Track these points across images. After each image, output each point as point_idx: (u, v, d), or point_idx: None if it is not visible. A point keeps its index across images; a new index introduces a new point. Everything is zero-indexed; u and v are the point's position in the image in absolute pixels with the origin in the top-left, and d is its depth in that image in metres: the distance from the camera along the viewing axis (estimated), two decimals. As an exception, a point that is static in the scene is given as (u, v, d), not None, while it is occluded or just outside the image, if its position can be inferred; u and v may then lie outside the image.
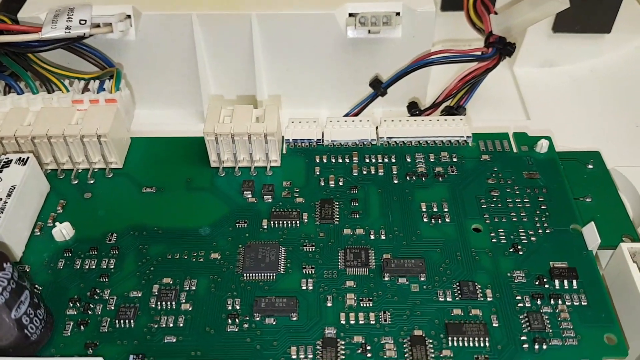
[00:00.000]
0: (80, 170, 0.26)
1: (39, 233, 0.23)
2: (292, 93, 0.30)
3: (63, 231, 0.23)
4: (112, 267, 0.22)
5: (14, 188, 0.22)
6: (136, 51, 0.29)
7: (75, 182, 0.25)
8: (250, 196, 0.24)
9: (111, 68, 0.28)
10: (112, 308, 0.21)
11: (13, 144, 0.25)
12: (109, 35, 0.28)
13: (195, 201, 0.24)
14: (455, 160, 0.26)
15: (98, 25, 0.28)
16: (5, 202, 0.22)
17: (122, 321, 0.20)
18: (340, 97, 0.30)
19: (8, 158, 0.23)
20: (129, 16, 0.28)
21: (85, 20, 0.27)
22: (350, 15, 0.28)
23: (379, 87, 0.30)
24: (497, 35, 0.30)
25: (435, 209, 0.24)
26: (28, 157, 0.23)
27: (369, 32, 0.29)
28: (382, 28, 0.28)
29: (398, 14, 0.28)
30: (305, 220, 0.23)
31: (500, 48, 0.29)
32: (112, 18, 0.28)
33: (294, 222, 0.23)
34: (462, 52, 0.29)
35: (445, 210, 0.23)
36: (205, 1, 0.28)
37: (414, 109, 0.30)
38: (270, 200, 0.24)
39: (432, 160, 0.26)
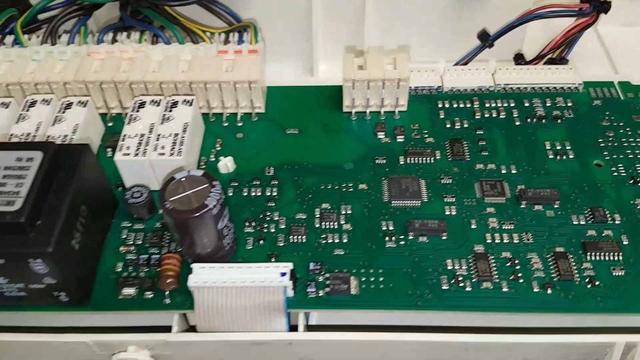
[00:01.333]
0: (228, 114, 0.29)
1: (204, 166, 0.26)
2: (401, 45, 0.33)
3: (228, 164, 0.25)
4: (275, 194, 0.25)
5: (187, 125, 0.25)
6: (255, 7, 0.31)
7: (226, 124, 0.28)
8: (383, 136, 0.27)
9: (245, 22, 0.30)
10: (284, 227, 0.24)
11: (172, 88, 0.27)
12: (242, -8, 0.31)
13: (334, 141, 0.27)
14: (570, 104, 0.28)
15: (228, -18, 0.31)
16: (182, 137, 0.25)
17: (295, 237, 0.23)
18: (447, 49, 0.32)
19: (174, 100, 0.26)
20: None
21: (221, -23, 0.30)
22: None
23: (486, 39, 0.32)
24: (594, -8, 0.32)
25: (558, 147, 0.26)
26: (193, 99, 0.26)
27: (476, -12, 0.31)
28: (490, -16, 0.30)
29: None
30: (438, 157, 0.26)
31: (597, 5, 0.31)
32: (241, -25, 0.31)
33: (428, 158, 0.26)
34: (566, 7, 0.31)
35: (568, 147, 0.26)
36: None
37: (520, 60, 0.32)
38: (402, 140, 0.27)
39: (548, 104, 0.28)
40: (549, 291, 0.21)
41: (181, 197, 0.21)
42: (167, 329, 0.22)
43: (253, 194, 0.25)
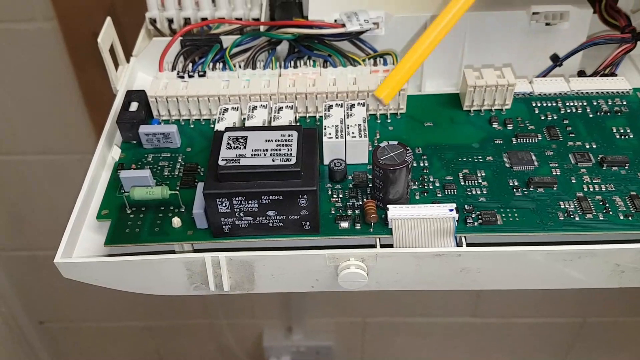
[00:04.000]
0: (380, 114, 0.39)
1: (370, 148, 0.37)
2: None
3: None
4: (426, 164, 0.36)
5: (365, 118, 0.36)
6: (382, 43, 0.43)
7: (379, 121, 0.39)
8: (497, 125, 0.38)
9: (386, 51, 0.41)
10: (439, 185, 0.34)
11: (344, 96, 0.38)
12: (376, 31, 0.42)
13: (460, 130, 0.38)
14: (624, 103, 0.39)
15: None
16: (364, 125, 0.35)
17: (448, 190, 0.34)
18: (522, 69, 0.43)
19: (352, 103, 0.37)
20: (377, 17, 0.42)
21: (367, 20, 0.41)
22: (534, 13, 0.42)
23: (557, 60, 0.43)
24: (632, 27, 0.43)
25: (621, 130, 0.37)
26: (364, 101, 0.37)
27: (547, 24, 0.42)
28: (558, 21, 0.42)
29: (567, 12, 0.41)
30: (540, 138, 0.37)
31: (635, 36, 0.43)
32: (379, 19, 0.42)
33: (533, 139, 0.37)
34: (614, 36, 0.43)
35: (628, 130, 0.37)
36: (430, 6, 0.42)
37: (582, 74, 0.43)
38: (511, 128, 0.38)
39: (609, 103, 0.39)
40: (630, 218, 0.32)
41: (388, 157, 0.31)
42: (371, 247, 0.32)
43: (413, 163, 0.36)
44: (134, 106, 0.39)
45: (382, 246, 0.32)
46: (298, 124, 0.39)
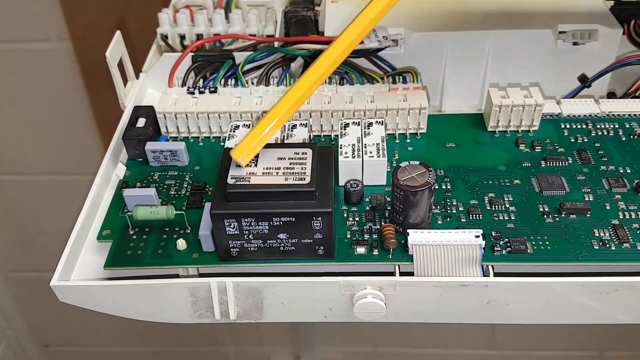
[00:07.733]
0: (399, 134, 0.38)
1: (388, 168, 0.35)
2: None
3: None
4: (449, 187, 0.34)
5: (383, 137, 0.34)
6: (402, 61, 0.41)
7: (398, 141, 0.37)
8: (524, 147, 0.36)
9: (406, 68, 0.40)
10: (462, 209, 0.32)
11: (361, 114, 0.37)
12: (395, 48, 0.41)
13: (485, 151, 0.36)
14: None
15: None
16: (383, 145, 0.33)
17: (473, 215, 0.32)
18: (549, 90, 0.42)
19: (370, 121, 0.35)
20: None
21: (386, 37, 0.40)
22: (561, 32, 0.40)
23: (586, 81, 0.41)
24: (664, 48, 0.41)
25: None
26: (383, 120, 0.35)
27: (574, 44, 0.40)
28: (587, 41, 0.40)
29: (596, 31, 0.39)
30: (570, 162, 0.35)
31: (668, 57, 0.41)
32: (398, 36, 0.41)
33: (563, 162, 0.35)
34: (647, 57, 0.41)
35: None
36: (451, 23, 0.40)
37: (612, 96, 0.41)
38: (539, 150, 0.36)
39: (643, 125, 0.37)
40: (674, 248, 0.29)
41: (408, 177, 0.29)
42: (389, 275, 0.29)
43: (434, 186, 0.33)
44: (141, 122, 0.37)
45: (401, 274, 0.30)
46: (312, 142, 0.38)
